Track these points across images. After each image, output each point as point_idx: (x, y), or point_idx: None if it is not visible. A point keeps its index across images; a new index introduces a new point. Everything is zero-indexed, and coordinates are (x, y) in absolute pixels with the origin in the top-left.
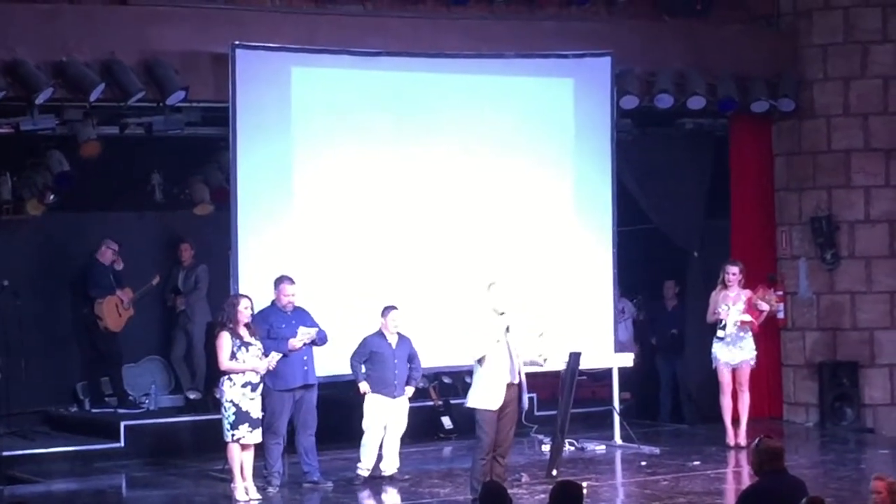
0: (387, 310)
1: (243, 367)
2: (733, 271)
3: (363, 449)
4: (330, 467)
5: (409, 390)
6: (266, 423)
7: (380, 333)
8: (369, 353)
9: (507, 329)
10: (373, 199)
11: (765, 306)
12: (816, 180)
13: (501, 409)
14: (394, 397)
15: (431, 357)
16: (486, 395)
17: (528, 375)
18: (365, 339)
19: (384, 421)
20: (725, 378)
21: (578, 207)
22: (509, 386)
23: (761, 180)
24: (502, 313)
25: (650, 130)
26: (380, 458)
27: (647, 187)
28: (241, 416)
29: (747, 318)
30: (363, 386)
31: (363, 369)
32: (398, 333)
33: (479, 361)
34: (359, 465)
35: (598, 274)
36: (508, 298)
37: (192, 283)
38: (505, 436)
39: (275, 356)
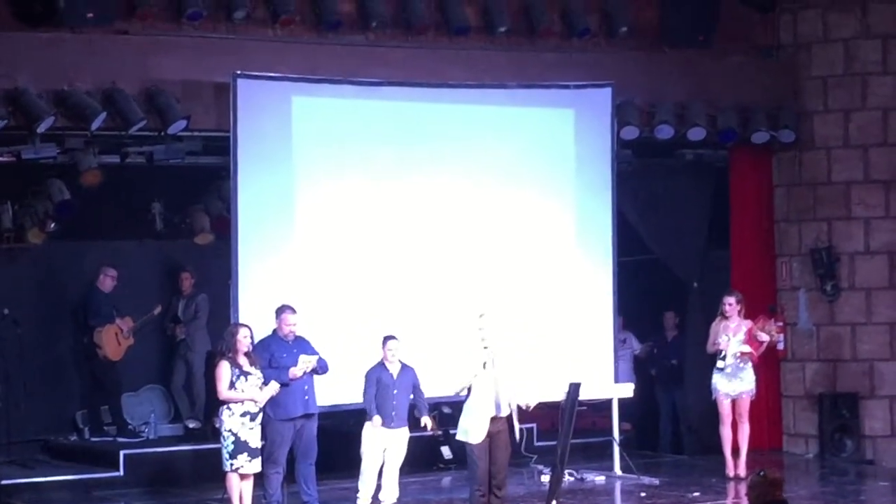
0: (386, 339)
1: (242, 396)
2: (730, 301)
3: (361, 478)
4: (329, 497)
5: (426, 420)
6: (266, 453)
7: (381, 364)
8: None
9: (485, 365)
10: (374, 228)
11: (765, 337)
12: (816, 212)
13: (491, 439)
14: (391, 427)
15: (431, 387)
16: (469, 429)
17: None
18: (368, 373)
19: (381, 450)
20: (725, 409)
21: (579, 237)
22: (494, 419)
23: (761, 211)
24: (486, 347)
25: (651, 161)
26: (379, 487)
27: (647, 218)
28: (240, 446)
29: (747, 349)
30: (376, 420)
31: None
32: (401, 363)
33: (468, 393)
34: (357, 494)
35: (598, 304)
36: (496, 331)
37: (192, 312)
38: (499, 468)
39: (274, 385)
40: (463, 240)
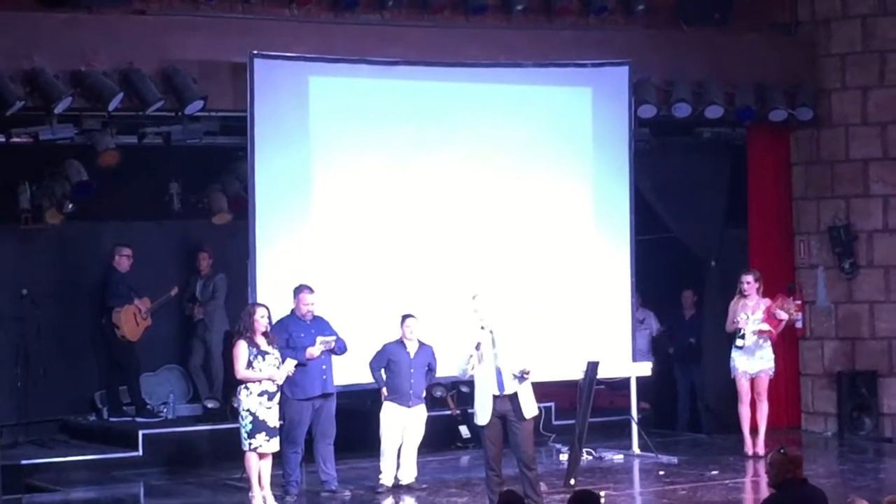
0: (404, 318)
1: (260, 375)
2: (748, 280)
3: (382, 458)
4: (347, 476)
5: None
6: (284, 432)
7: (399, 342)
8: (387, 360)
9: (478, 346)
10: (391, 207)
11: (783, 315)
12: (834, 189)
13: (502, 420)
14: (408, 406)
15: (449, 367)
16: (476, 410)
17: (545, 384)
18: (384, 347)
19: (400, 429)
20: (744, 387)
21: (596, 216)
22: (498, 398)
23: (779, 189)
24: (481, 328)
25: (668, 140)
26: (398, 466)
27: (664, 196)
28: (258, 425)
29: (766, 327)
30: (385, 391)
31: (383, 375)
32: (419, 342)
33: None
34: (380, 475)
35: (616, 283)
36: (491, 310)
37: (209, 292)
38: (522, 448)
39: (290, 362)
40: (480, 218)
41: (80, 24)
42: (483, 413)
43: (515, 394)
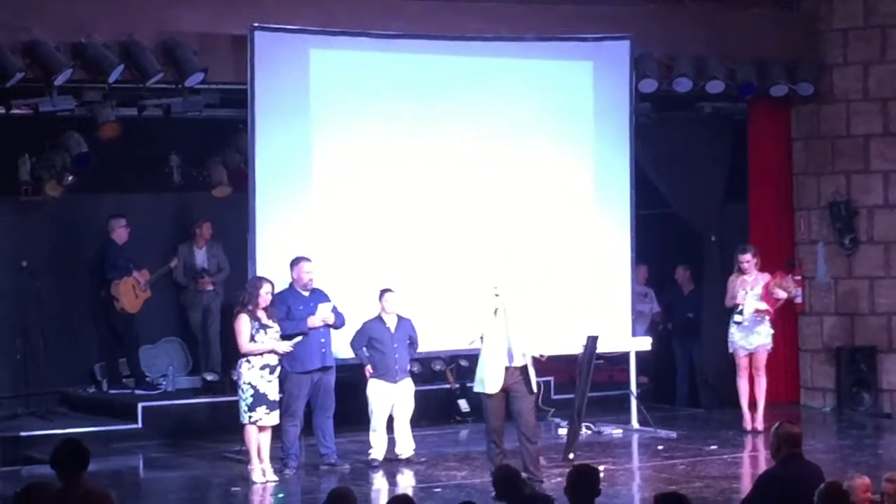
0: (383, 292)
1: (264, 348)
2: (746, 259)
3: (372, 434)
4: (347, 449)
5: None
6: (284, 406)
7: (379, 318)
8: (368, 338)
9: (496, 312)
10: (391, 181)
11: (782, 294)
12: (835, 165)
13: (507, 392)
14: (395, 382)
15: (448, 341)
16: (483, 379)
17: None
18: (364, 325)
19: (388, 405)
20: (742, 362)
21: (597, 191)
22: (509, 369)
23: (780, 164)
24: (497, 294)
25: (669, 114)
26: (393, 441)
27: (665, 171)
28: (259, 398)
29: (763, 306)
30: (369, 368)
31: (365, 352)
32: (398, 316)
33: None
34: (370, 451)
35: (616, 257)
36: (507, 280)
37: (215, 264)
38: (524, 419)
39: (289, 343)
40: (480, 193)
41: None
42: (493, 383)
43: (525, 366)
